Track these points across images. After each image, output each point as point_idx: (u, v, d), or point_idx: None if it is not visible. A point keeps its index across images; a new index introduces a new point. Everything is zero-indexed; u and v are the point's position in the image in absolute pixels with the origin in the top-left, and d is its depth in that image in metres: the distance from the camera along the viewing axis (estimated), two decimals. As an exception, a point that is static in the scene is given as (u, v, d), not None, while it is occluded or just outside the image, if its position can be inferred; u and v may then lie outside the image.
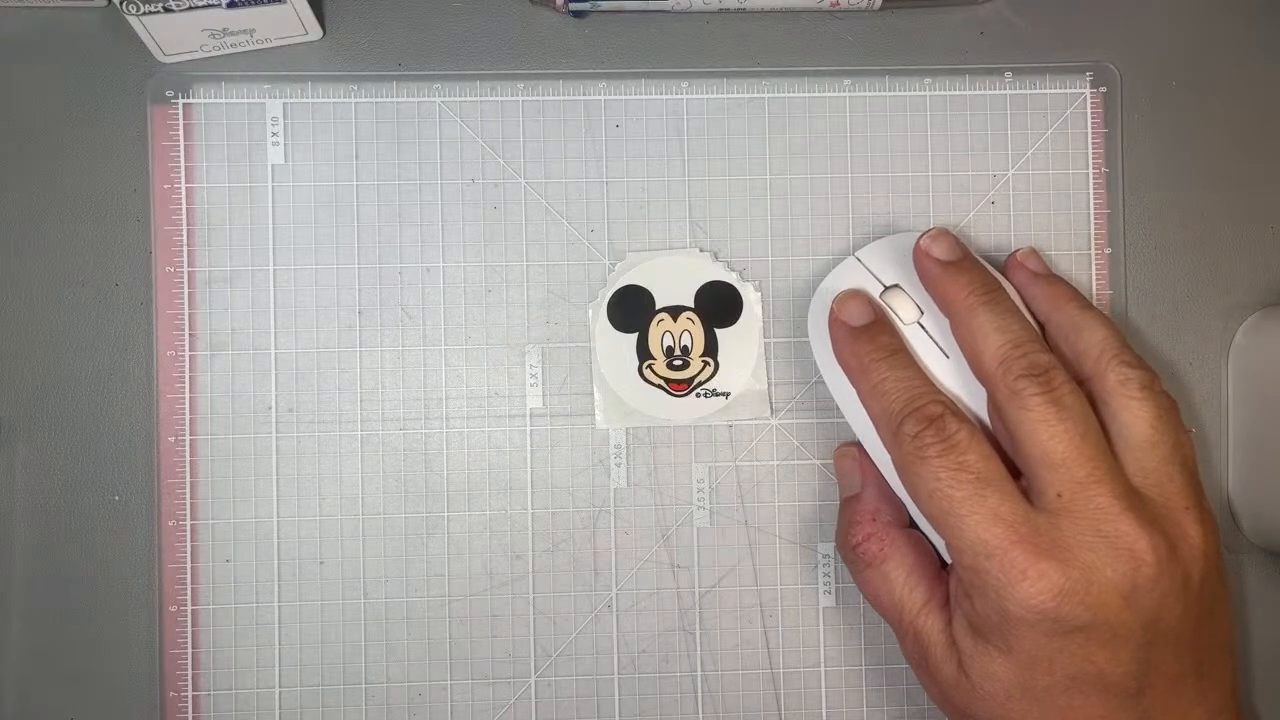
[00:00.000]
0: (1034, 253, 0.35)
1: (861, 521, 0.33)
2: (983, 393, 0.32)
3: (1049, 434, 0.29)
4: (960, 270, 0.32)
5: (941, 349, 0.33)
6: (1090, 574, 0.28)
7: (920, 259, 0.33)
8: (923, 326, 0.34)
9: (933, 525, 0.30)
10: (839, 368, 0.34)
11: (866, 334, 0.33)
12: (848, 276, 0.35)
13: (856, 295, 0.34)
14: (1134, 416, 0.30)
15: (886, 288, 0.34)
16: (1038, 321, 0.33)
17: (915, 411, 0.30)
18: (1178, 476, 0.30)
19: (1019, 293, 0.34)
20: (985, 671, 0.29)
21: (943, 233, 0.33)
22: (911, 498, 0.31)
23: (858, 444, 0.34)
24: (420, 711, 0.35)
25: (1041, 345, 0.31)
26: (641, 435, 0.36)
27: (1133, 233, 0.37)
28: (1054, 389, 0.29)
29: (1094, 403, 0.31)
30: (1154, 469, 0.30)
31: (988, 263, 0.34)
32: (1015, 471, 0.31)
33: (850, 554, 0.33)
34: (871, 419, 0.32)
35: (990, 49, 0.37)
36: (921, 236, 0.33)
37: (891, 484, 0.33)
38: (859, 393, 0.33)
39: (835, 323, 0.33)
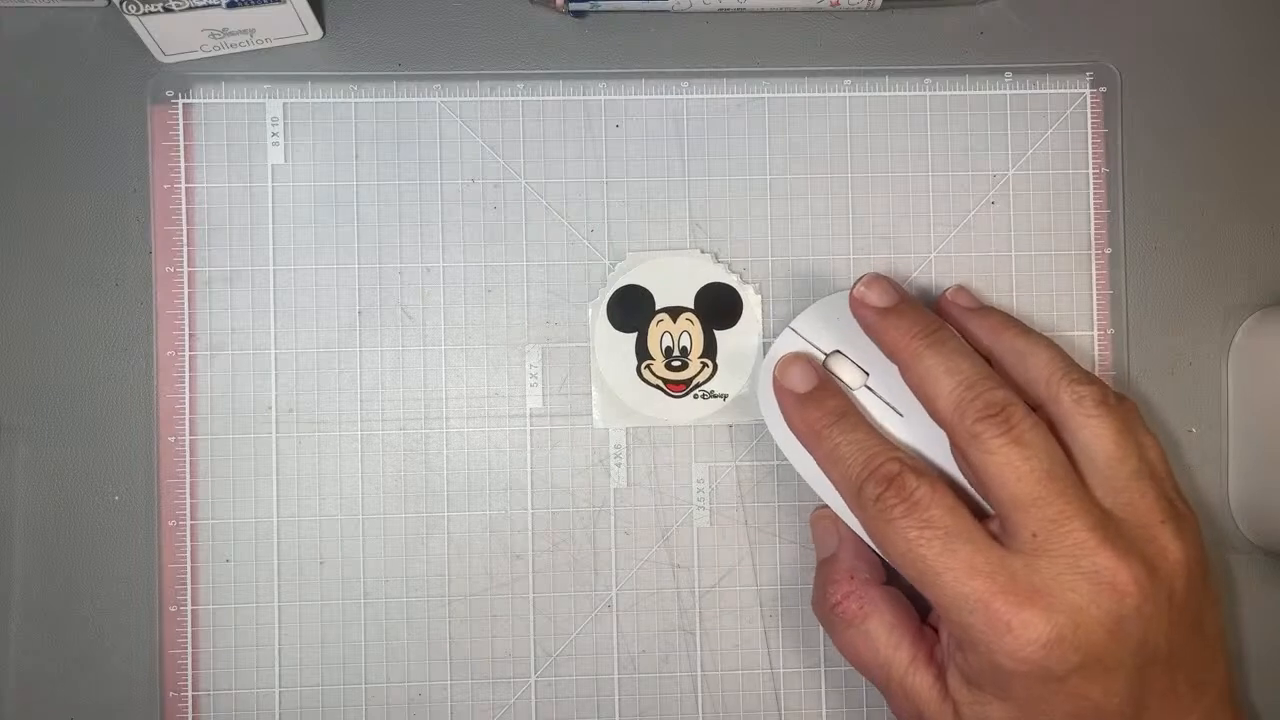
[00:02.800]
0: (962, 289, 0.35)
1: (839, 580, 0.33)
2: (945, 441, 0.31)
3: (1015, 475, 0.28)
4: (899, 315, 0.32)
5: (894, 408, 0.33)
6: (1075, 616, 0.28)
7: (857, 308, 0.33)
8: (870, 389, 0.33)
9: (914, 586, 0.30)
10: (786, 434, 0.33)
11: (813, 400, 0.32)
12: (786, 349, 0.34)
13: (797, 360, 0.33)
14: (1094, 435, 0.29)
15: (827, 355, 0.34)
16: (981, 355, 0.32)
17: (874, 473, 0.30)
18: (1149, 491, 0.29)
19: (957, 330, 0.33)
20: (985, 718, 0.29)
21: (876, 278, 0.33)
22: (887, 560, 0.30)
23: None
24: (420, 711, 0.35)
25: (995, 381, 0.30)
26: (641, 435, 0.36)
27: (1133, 233, 0.37)
28: (1013, 427, 0.29)
29: (1052, 426, 0.30)
30: (1123, 486, 0.29)
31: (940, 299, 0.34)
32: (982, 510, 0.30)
33: (829, 614, 0.33)
34: (833, 485, 0.32)
35: (990, 49, 0.37)
36: (855, 285, 0.33)
37: (867, 542, 0.33)
38: (816, 459, 0.32)
39: (781, 391, 0.33)
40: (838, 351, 0.34)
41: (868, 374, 0.33)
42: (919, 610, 0.33)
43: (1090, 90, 0.37)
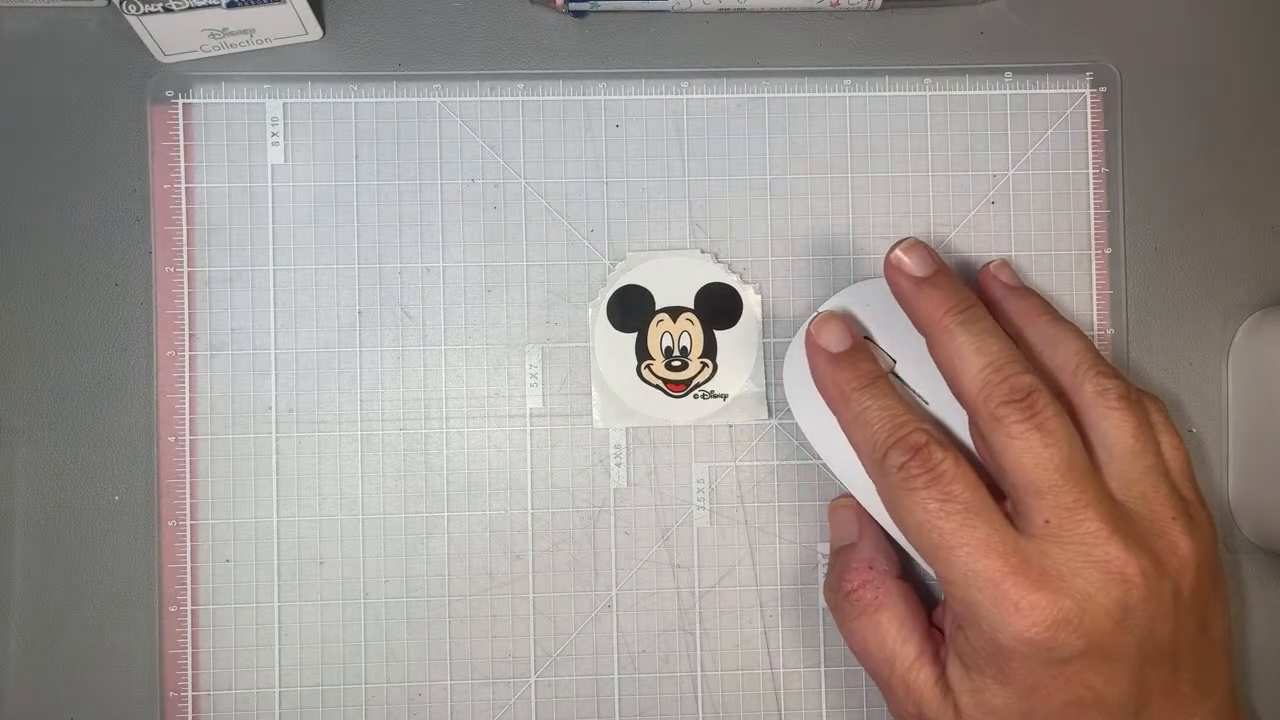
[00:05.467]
0: (1006, 265, 0.34)
1: (858, 568, 0.33)
2: (967, 430, 0.32)
3: (1034, 461, 0.28)
4: (934, 287, 0.31)
5: (920, 396, 0.33)
6: (1083, 602, 0.28)
7: (891, 273, 0.32)
8: (898, 376, 0.33)
9: (924, 558, 0.30)
10: (813, 418, 0.33)
11: (846, 361, 0.32)
12: None
13: (833, 318, 0.33)
14: (1114, 427, 0.30)
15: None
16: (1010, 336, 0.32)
17: (899, 441, 0.30)
18: (1162, 487, 0.30)
19: (992, 306, 0.33)
20: (985, 705, 0.29)
21: (915, 244, 0.32)
22: (901, 531, 0.30)
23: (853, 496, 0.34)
24: (420, 712, 0.35)
25: (1022, 365, 0.30)
26: (641, 435, 0.36)
27: (1133, 233, 0.37)
28: (1037, 413, 0.29)
29: (1073, 415, 0.30)
30: (1138, 480, 0.29)
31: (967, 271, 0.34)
32: (998, 493, 0.30)
33: (842, 601, 0.33)
34: (855, 448, 0.32)
35: (990, 49, 0.37)
36: (894, 247, 0.32)
37: (889, 531, 0.33)
38: (840, 421, 0.32)
39: (814, 348, 0.33)
40: (866, 338, 0.34)
41: (895, 361, 0.33)
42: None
43: (1090, 90, 0.37)
